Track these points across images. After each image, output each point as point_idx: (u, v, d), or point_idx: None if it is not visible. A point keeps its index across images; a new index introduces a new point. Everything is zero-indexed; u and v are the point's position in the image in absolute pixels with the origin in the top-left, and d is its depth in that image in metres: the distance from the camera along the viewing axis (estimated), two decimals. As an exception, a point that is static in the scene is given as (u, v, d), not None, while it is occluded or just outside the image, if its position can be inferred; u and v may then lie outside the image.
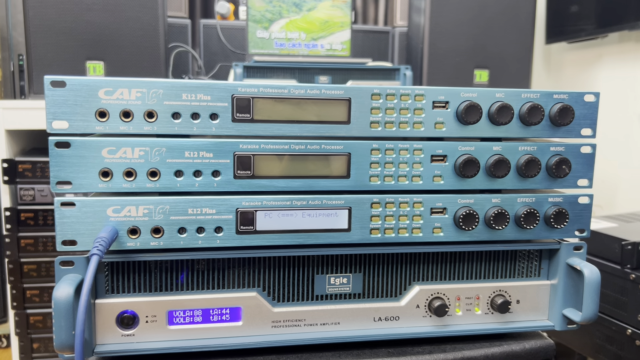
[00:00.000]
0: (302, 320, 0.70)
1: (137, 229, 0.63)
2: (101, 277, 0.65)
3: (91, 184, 0.62)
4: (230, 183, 0.65)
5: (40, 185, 1.48)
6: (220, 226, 0.65)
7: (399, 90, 0.66)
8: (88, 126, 0.61)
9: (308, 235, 0.67)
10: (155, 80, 0.62)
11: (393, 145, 0.67)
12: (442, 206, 0.69)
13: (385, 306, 0.72)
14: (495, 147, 0.69)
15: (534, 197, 0.71)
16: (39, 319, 1.52)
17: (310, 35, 1.82)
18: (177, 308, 0.67)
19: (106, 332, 0.65)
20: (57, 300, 0.58)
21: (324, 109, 0.66)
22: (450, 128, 0.68)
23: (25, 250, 1.49)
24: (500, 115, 0.67)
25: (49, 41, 1.50)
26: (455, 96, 0.68)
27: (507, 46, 1.90)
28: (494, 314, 0.74)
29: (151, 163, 0.63)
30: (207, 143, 0.64)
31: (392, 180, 0.68)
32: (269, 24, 1.79)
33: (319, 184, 0.67)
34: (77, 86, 0.60)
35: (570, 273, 0.73)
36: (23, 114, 1.46)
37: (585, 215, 0.72)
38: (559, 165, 0.70)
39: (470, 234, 0.70)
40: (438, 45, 1.86)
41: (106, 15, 1.53)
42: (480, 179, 0.69)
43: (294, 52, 1.82)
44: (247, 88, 0.64)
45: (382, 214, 0.68)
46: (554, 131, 0.70)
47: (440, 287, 0.73)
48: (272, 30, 1.80)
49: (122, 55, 1.56)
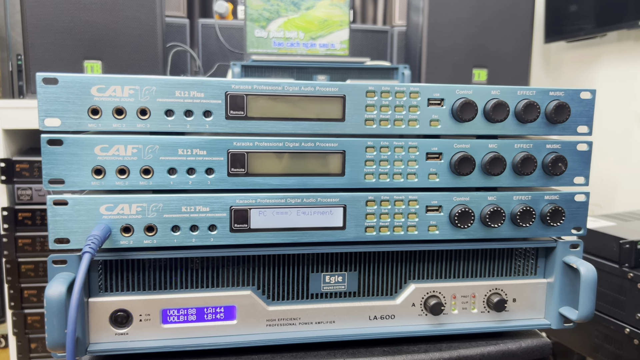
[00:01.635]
0: (297, 319, 0.69)
1: (130, 227, 0.63)
2: (94, 276, 0.65)
3: (84, 182, 0.62)
4: (224, 181, 0.64)
5: (37, 184, 1.48)
6: (214, 224, 0.64)
7: (393, 88, 0.66)
8: (81, 123, 0.61)
9: (303, 234, 0.67)
10: (148, 78, 0.61)
11: (388, 142, 0.67)
12: (437, 204, 0.69)
13: (380, 305, 0.71)
14: (491, 144, 0.69)
15: (530, 195, 0.70)
16: (37, 319, 1.51)
17: (308, 34, 1.82)
18: (171, 307, 0.66)
19: (100, 331, 0.65)
20: (49, 299, 0.57)
21: (318, 106, 0.65)
22: (445, 125, 0.68)
23: (22, 250, 1.48)
24: (495, 112, 0.67)
25: (47, 41, 1.50)
26: (451, 93, 0.67)
27: (506, 45, 1.89)
28: (490, 313, 0.74)
29: (144, 161, 0.62)
30: (200, 140, 0.63)
31: (387, 177, 0.68)
32: (267, 23, 1.79)
33: (314, 182, 0.67)
34: (70, 83, 0.60)
35: (567, 271, 0.73)
36: (21, 114, 1.46)
37: (581, 213, 0.72)
38: (555, 162, 0.69)
39: (466, 232, 0.70)
40: (437, 45, 1.85)
41: (104, 15, 1.53)
42: (475, 176, 0.69)
43: (292, 52, 1.82)
44: (241, 85, 0.63)
45: (377, 211, 0.68)
46: (550, 129, 0.70)
47: (436, 286, 0.72)
48: (270, 29, 1.79)
49: (120, 55, 1.56)
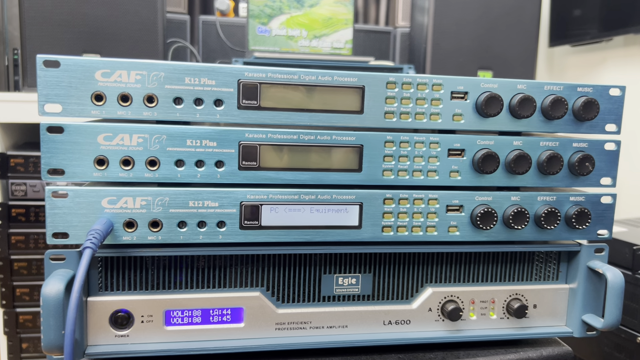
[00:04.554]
0: (307, 322, 0.66)
1: (133, 222, 0.59)
2: (94, 273, 0.61)
3: (85, 173, 0.58)
4: (235, 174, 0.61)
5: (32, 180, 1.44)
6: (222, 220, 0.61)
7: (415, 79, 0.63)
8: (83, 110, 0.57)
9: (316, 232, 0.63)
10: (156, 62, 0.57)
11: (408, 137, 0.63)
12: (458, 203, 0.65)
13: (395, 309, 0.68)
14: (516, 141, 0.65)
15: (555, 196, 0.67)
16: (29, 318, 1.47)
17: (312, 32, 1.78)
18: (175, 308, 0.62)
19: (98, 333, 0.61)
20: (45, 297, 0.53)
21: (336, 97, 0.62)
22: (468, 120, 0.64)
23: (15, 247, 1.44)
24: (522, 108, 0.64)
25: (45, 33, 1.46)
26: (475, 87, 0.64)
27: (511, 48, 1.86)
28: (510, 319, 0.70)
29: (150, 151, 0.59)
30: (210, 131, 0.59)
31: (407, 174, 0.64)
32: (268, 20, 1.75)
33: (329, 178, 0.63)
34: (72, 67, 0.56)
35: (591, 277, 0.69)
36: (16, 107, 1.41)
37: (607, 216, 0.69)
38: (582, 162, 0.66)
39: (488, 233, 0.66)
40: (441, 46, 1.82)
41: (104, 8, 1.49)
42: (498, 175, 0.66)
43: (295, 50, 1.78)
44: (254, 73, 0.60)
45: (395, 210, 0.64)
46: (577, 126, 0.67)
47: (454, 290, 0.68)
48: (271, 26, 1.76)
49: (120, 49, 1.52)
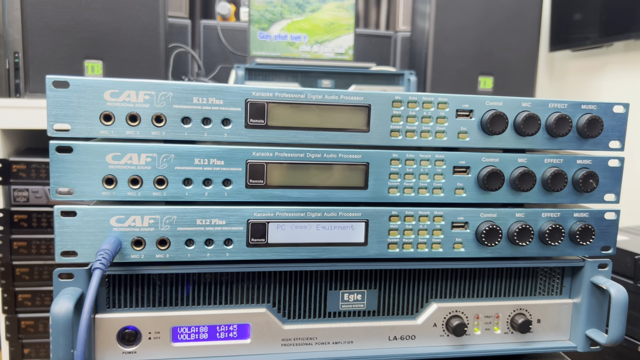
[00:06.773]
0: (313, 338, 0.66)
1: (141, 240, 0.59)
2: (102, 291, 0.61)
3: (94, 192, 0.58)
4: (242, 193, 0.61)
5: (34, 186, 1.44)
6: (230, 238, 0.61)
7: (421, 98, 0.63)
8: (92, 130, 0.57)
9: (322, 249, 0.63)
10: (164, 83, 0.58)
11: (414, 155, 0.64)
12: (463, 220, 0.66)
13: (401, 324, 0.68)
14: (520, 159, 0.66)
15: (559, 212, 0.67)
16: (31, 324, 1.47)
17: (314, 37, 1.78)
18: (182, 324, 0.63)
19: (106, 349, 0.61)
20: (55, 316, 0.54)
21: (342, 116, 0.62)
22: (473, 138, 0.65)
23: (17, 253, 1.44)
24: (527, 125, 0.64)
25: (47, 39, 1.46)
26: (480, 105, 0.64)
27: (512, 53, 1.87)
28: (514, 334, 0.71)
29: (158, 170, 0.59)
30: (218, 150, 0.60)
31: (412, 192, 0.64)
32: (268, 25, 1.75)
33: (335, 195, 0.63)
34: (81, 87, 0.56)
35: (594, 292, 0.70)
36: (18, 113, 1.42)
37: (611, 232, 0.69)
38: (586, 179, 0.66)
39: (492, 250, 0.66)
40: (442, 51, 1.83)
41: (106, 14, 1.49)
42: (503, 192, 0.66)
43: (297, 55, 1.78)
44: (262, 92, 0.60)
45: (400, 227, 0.64)
46: (581, 143, 0.67)
47: (458, 305, 0.69)
48: (271, 31, 1.76)
49: (122, 55, 1.52)
